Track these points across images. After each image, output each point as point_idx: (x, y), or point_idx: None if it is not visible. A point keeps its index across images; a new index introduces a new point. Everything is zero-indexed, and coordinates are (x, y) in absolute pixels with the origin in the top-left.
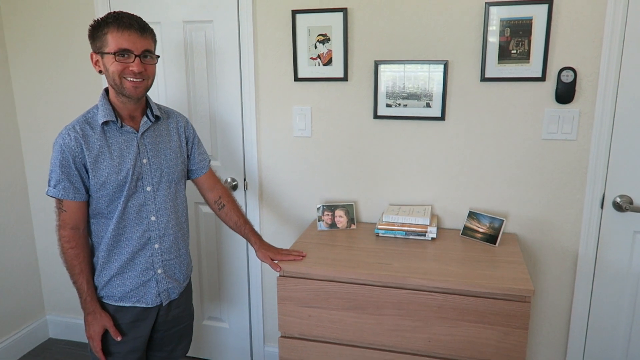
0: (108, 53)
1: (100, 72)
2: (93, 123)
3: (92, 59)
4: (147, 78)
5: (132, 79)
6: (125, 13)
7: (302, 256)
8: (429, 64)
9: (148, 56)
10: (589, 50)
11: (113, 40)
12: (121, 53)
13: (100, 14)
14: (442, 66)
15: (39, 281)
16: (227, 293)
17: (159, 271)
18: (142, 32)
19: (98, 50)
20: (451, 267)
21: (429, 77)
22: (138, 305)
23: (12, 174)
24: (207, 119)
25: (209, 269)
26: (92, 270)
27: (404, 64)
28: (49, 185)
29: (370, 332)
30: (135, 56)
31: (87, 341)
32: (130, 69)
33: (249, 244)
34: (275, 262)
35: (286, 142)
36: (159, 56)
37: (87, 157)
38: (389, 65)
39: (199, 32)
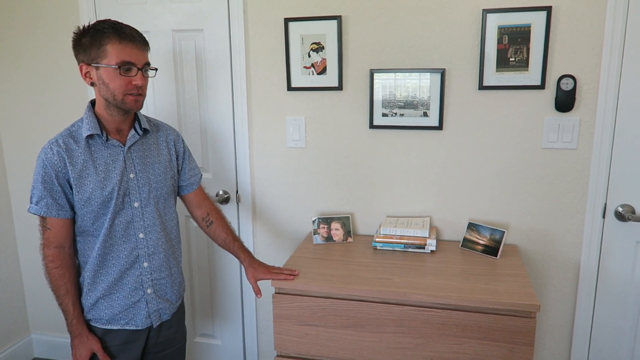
0: (107, 65)
1: (92, 84)
2: (77, 137)
3: (81, 70)
4: (144, 91)
5: (134, 94)
6: (121, 23)
7: (294, 275)
8: (426, 72)
9: (147, 69)
10: (589, 57)
11: (115, 52)
12: (125, 66)
13: (86, 23)
14: (439, 75)
15: (23, 299)
16: (219, 309)
17: (149, 291)
18: (143, 45)
19: (92, 61)
20: (453, 282)
21: (425, 86)
22: (127, 327)
23: None
24: (198, 130)
25: (201, 284)
26: (79, 290)
27: (400, 72)
28: (31, 202)
29: (370, 351)
30: (138, 69)
31: None
32: (134, 83)
33: None
34: (267, 280)
35: (280, 153)
36: (156, 69)
37: (70, 172)
38: (384, 73)
39: (189, 41)
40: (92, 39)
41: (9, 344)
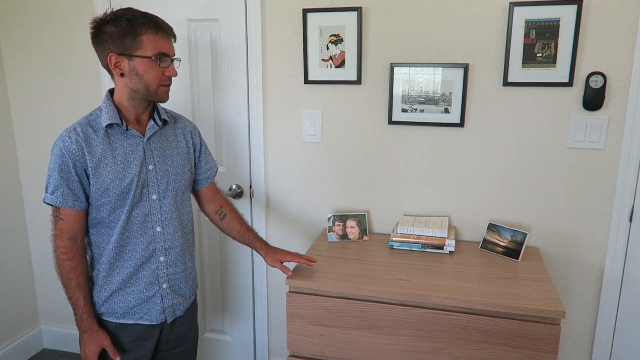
0: (143, 56)
1: (121, 74)
2: (96, 126)
3: (110, 60)
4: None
5: (166, 84)
6: (149, 13)
7: (313, 261)
8: (448, 67)
9: (175, 60)
10: (621, 54)
11: (151, 43)
12: (161, 57)
13: (100, 12)
14: (462, 70)
15: (34, 290)
16: (230, 304)
17: (164, 286)
18: (173, 37)
19: (125, 51)
20: (473, 285)
21: (447, 81)
22: (141, 322)
23: (6, 179)
24: (212, 123)
25: (212, 279)
26: (89, 284)
27: (421, 66)
28: (46, 192)
29: (386, 354)
30: (171, 60)
31: None
32: (167, 73)
33: (254, 253)
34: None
35: (295, 147)
36: (180, 59)
37: (88, 161)
38: (405, 68)
39: (205, 31)
40: (125, 29)
41: (19, 335)
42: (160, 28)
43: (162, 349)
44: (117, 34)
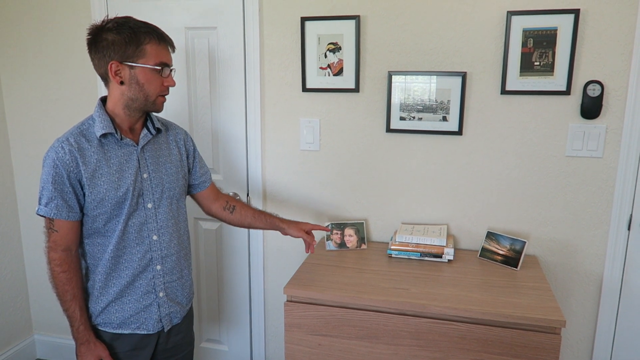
0: (145, 65)
1: (121, 83)
2: (89, 135)
3: (111, 68)
4: None
5: (164, 95)
6: (152, 24)
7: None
8: (446, 75)
9: (172, 70)
10: (618, 63)
11: (154, 52)
12: (164, 67)
13: (97, 19)
14: (460, 78)
15: (27, 299)
16: (227, 314)
17: (161, 294)
18: (174, 48)
19: (127, 59)
20: (473, 294)
21: (445, 90)
22: (138, 332)
23: (0, 187)
24: (210, 131)
25: (209, 287)
26: (85, 295)
27: (419, 75)
28: (40, 204)
29: None
30: (170, 70)
31: None
32: (166, 84)
33: (250, 261)
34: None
35: (293, 156)
36: (175, 69)
37: (83, 172)
38: (403, 76)
39: (202, 39)
40: (129, 37)
41: (11, 345)
42: (163, 38)
43: (159, 358)
44: (120, 42)
